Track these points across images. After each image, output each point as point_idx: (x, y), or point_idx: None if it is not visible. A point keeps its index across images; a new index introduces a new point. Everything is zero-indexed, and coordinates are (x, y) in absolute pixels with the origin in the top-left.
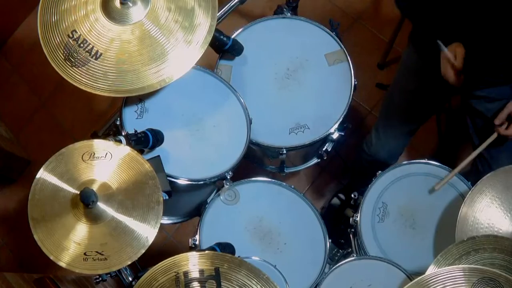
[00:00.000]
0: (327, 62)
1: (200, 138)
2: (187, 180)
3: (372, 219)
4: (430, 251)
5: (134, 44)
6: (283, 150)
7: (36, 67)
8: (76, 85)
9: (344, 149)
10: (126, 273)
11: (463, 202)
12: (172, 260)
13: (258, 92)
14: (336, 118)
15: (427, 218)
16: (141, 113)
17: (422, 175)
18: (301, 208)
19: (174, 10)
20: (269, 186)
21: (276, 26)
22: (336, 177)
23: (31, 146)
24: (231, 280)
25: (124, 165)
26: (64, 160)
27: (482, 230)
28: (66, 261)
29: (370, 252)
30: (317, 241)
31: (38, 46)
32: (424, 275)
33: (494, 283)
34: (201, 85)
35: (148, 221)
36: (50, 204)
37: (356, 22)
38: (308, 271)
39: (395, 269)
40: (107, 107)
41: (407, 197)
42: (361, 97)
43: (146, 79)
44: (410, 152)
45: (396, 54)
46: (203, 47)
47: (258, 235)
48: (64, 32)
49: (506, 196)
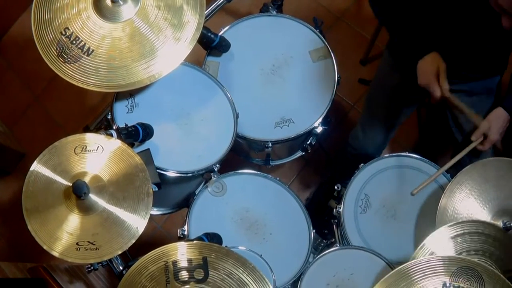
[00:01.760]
0: (311, 58)
1: (189, 132)
2: (176, 173)
3: (354, 210)
4: (410, 241)
5: (124, 41)
6: (269, 143)
7: (30, 63)
8: (68, 80)
9: (328, 142)
10: (117, 262)
11: (443, 193)
12: (162, 250)
13: (245, 87)
14: (320, 112)
15: (408, 209)
16: (131, 108)
17: (403, 167)
18: (286, 199)
19: (163, 8)
20: (255, 178)
21: (262, 24)
22: (319, 169)
23: (25, 139)
24: (219, 269)
25: (115, 158)
26: (57, 153)
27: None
28: (59, 250)
29: (352, 242)
30: (302, 231)
31: (32, 43)
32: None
33: (472, 271)
34: (190, 80)
35: (138, 212)
36: (43, 195)
37: (339, 20)
38: (293, 260)
39: (377, 259)
40: (99, 102)
41: (389, 189)
42: (344, 92)
43: (136, 75)
44: (391, 145)
45: (377, 51)
46: (191, 44)
47: (245, 225)
48: (57, 30)
49: (484, 188)
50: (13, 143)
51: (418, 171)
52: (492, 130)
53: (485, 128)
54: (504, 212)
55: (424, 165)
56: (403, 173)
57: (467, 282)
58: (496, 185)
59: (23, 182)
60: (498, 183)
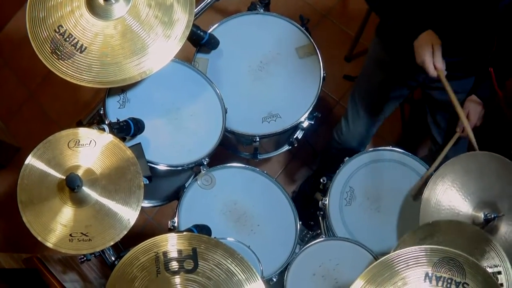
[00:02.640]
0: (297, 55)
1: (179, 126)
2: (166, 166)
3: (340, 203)
4: (394, 232)
5: (116, 39)
6: (256, 137)
7: (25, 60)
8: (62, 77)
9: (314, 136)
10: (109, 253)
11: (426, 186)
12: (152, 241)
13: (233, 83)
14: (306, 107)
15: (392, 201)
16: (123, 103)
17: (387, 161)
18: (273, 192)
19: (154, 6)
20: (243, 172)
21: (250, 22)
22: (306, 163)
23: (20, 134)
24: (208, 260)
25: (107, 152)
26: (51, 147)
27: (443, 212)
28: (53, 242)
29: (338, 233)
30: (288, 223)
31: (26, 40)
32: (389, 254)
33: (454, 262)
34: (180, 77)
35: (129, 204)
36: (38, 188)
37: (325, 17)
38: (280, 251)
39: (362, 250)
40: (91, 98)
41: (373, 182)
42: (330, 88)
43: (128, 71)
44: (375, 140)
45: (362, 48)
46: (181, 41)
47: (233, 217)
48: (51, 27)
49: (466, 181)
50: (8, 138)
51: (401, 165)
52: (471, 113)
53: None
54: (485, 204)
55: (407, 159)
56: (387, 167)
57: (449, 272)
58: (477, 178)
59: (18, 175)
60: (479, 176)
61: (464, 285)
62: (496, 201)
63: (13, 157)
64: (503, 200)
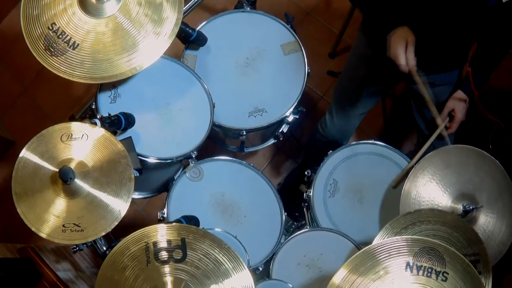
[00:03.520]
0: (282, 52)
1: (168, 120)
2: (156, 159)
3: (323, 194)
4: (376, 223)
5: (108, 36)
6: (243, 131)
7: (19, 56)
8: (55, 72)
9: (299, 130)
10: (101, 243)
11: (407, 178)
12: (143, 232)
13: (220, 79)
14: (291, 102)
15: (374, 193)
16: (114, 98)
17: (369, 154)
18: (260, 184)
19: (144, 4)
20: (230, 164)
21: (236, 19)
22: (291, 156)
23: (15, 128)
24: (196, 250)
25: (99, 145)
26: (44, 141)
27: (423, 203)
28: (46, 232)
29: (322, 224)
30: (274, 214)
31: (21, 37)
32: (371, 244)
33: (434, 252)
34: (169, 73)
35: (120, 196)
36: (31, 180)
37: (309, 15)
38: (266, 241)
39: (345, 240)
40: (84, 93)
41: (356, 175)
42: (314, 84)
43: (119, 67)
44: (358, 133)
45: (345, 45)
46: (170, 38)
47: (221, 208)
48: (45, 25)
49: (446, 173)
50: (3, 132)
51: (383, 158)
52: (457, 110)
53: (451, 107)
54: (464, 196)
55: (389, 152)
56: (369, 160)
57: (429, 262)
58: (456, 170)
59: (13, 168)
60: (458, 169)
61: (444, 274)
62: (475, 193)
63: (8, 150)
64: (481, 192)
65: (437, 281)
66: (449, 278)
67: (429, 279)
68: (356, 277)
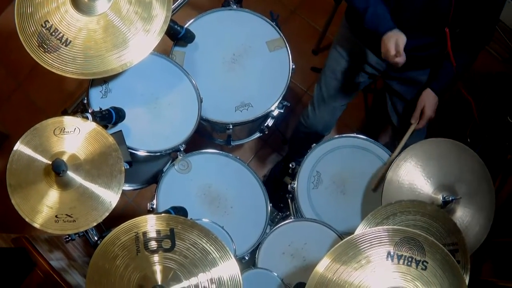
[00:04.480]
0: (268, 48)
1: (157, 115)
2: (145, 152)
3: (307, 186)
4: (358, 214)
5: (99, 33)
6: (230, 125)
7: (13, 53)
8: (48, 68)
9: (283, 124)
10: (92, 233)
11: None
12: (133, 222)
13: (208, 75)
14: (276, 97)
15: (356, 185)
16: (105, 93)
17: (351, 147)
18: (246, 176)
19: (134, 3)
20: (217, 157)
21: (223, 17)
22: (276, 149)
23: (9, 122)
24: (184, 239)
25: (91, 138)
26: (38, 134)
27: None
28: (40, 222)
29: (306, 215)
30: (260, 205)
31: (15, 34)
32: (353, 234)
33: (414, 241)
34: (158, 68)
35: (111, 187)
36: (25, 173)
37: (294, 13)
38: (251, 231)
39: (328, 230)
40: (76, 88)
41: (339, 167)
42: (298, 79)
43: (110, 64)
44: (341, 128)
45: (328, 42)
46: (159, 35)
47: (208, 200)
48: (38, 22)
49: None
50: None
51: (365, 150)
52: (427, 107)
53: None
54: (444, 187)
55: (370, 145)
56: (351, 152)
57: (410, 251)
58: (437, 163)
59: (7, 161)
60: (439, 161)
61: (424, 263)
62: (454, 185)
63: (2, 144)
64: (461, 184)
65: (417, 270)
66: (428, 267)
67: (409, 268)
68: (339, 266)
